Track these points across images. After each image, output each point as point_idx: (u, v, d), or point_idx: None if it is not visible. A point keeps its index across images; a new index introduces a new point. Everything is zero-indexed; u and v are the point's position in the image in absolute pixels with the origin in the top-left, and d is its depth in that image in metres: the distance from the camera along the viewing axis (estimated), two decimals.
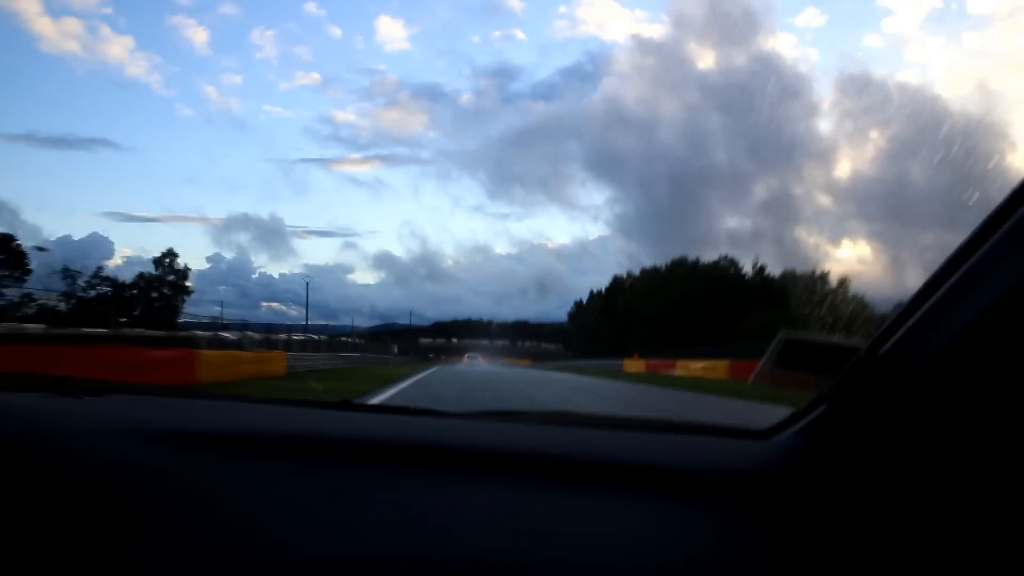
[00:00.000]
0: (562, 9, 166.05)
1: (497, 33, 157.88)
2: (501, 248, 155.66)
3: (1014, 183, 0.67)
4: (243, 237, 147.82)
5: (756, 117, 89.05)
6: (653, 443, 1.23)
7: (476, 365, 57.88)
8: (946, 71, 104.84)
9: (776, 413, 1.23)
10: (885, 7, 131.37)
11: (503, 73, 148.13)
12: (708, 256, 78.72)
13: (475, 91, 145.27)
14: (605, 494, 0.97)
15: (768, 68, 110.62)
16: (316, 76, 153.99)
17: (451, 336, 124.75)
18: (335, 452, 1.02)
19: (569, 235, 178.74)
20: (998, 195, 0.71)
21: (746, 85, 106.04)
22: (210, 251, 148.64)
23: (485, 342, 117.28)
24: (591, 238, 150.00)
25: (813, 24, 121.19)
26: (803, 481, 0.99)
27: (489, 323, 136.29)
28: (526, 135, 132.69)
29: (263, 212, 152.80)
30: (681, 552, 0.84)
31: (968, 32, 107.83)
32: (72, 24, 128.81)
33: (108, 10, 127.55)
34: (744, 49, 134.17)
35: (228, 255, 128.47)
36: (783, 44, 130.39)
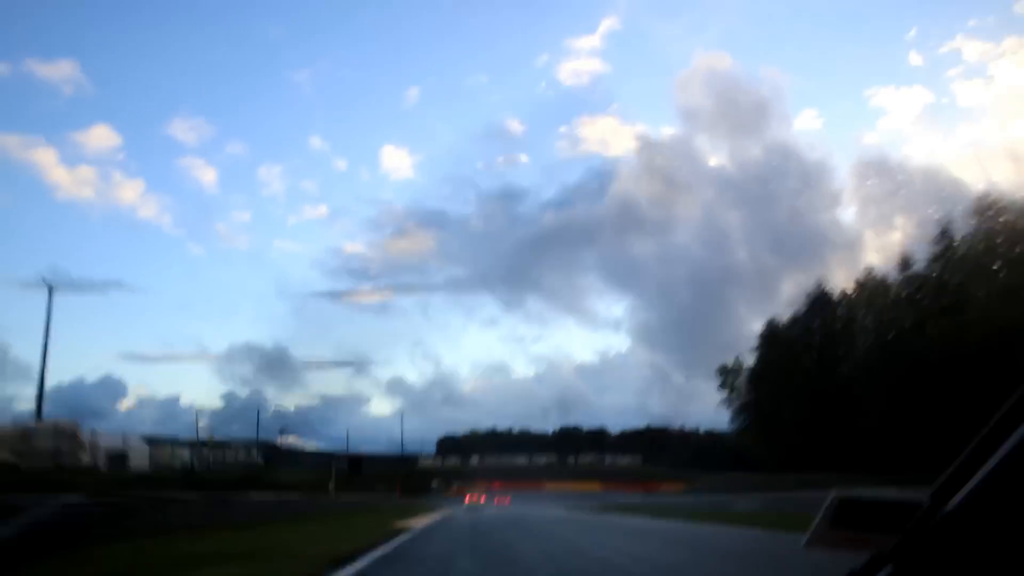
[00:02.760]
0: (562, 130, 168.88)
1: (501, 158, 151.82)
2: (519, 367, 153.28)
3: None
4: (247, 368, 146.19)
5: (776, 209, 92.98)
6: None
7: (485, 512, 39.87)
8: (951, 161, 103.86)
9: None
10: (879, 107, 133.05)
11: (509, 196, 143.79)
12: None
13: (482, 215, 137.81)
14: None
15: (784, 156, 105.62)
16: (324, 209, 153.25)
17: (467, 455, 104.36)
18: None
19: (590, 349, 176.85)
20: None
21: (763, 176, 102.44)
22: (221, 388, 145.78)
23: (522, 460, 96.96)
24: (612, 352, 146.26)
25: (811, 127, 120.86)
26: None
27: (522, 434, 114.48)
28: (537, 246, 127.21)
29: (267, 342, 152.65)
30: None
31: (963, 124, 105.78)
32: (86, 172, 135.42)
33: (120, 156, 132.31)
34: (757, 138, 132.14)
35: (242, 393, 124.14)
36: (797, 130, 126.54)
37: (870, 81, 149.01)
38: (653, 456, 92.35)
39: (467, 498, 46.31)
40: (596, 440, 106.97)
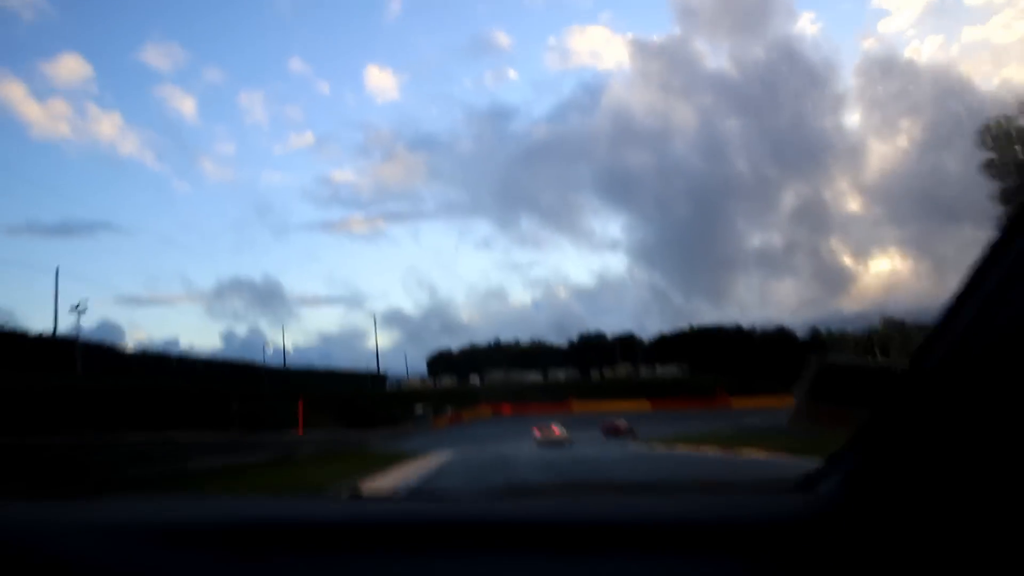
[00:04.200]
0: (552, 41, 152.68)
1: (489, 73, 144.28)
2: (516, 292, 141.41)
3: None
4: (240, 306, 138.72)
5: (778, 114, 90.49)
6: (687, 504, 1.24)
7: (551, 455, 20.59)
8: (957, 62, 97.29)
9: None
10: (881, 7, 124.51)
11: (499, 114, 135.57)
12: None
13: (472, 135, 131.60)
14: (642, 557, 0.98)
15: (787, 56, 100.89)
16: (310, 136, 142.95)
17: (465, 374, 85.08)
18: (341, 542, 1.07)
19: (587, 270, 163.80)
20: None
21: (765, 78, 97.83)
22: (218, 329, 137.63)
23: (534, 376, 79.42)
24: (611, 272, 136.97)
25: (809, 32, 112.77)
26: (845, 533, 0.99)
27: (533, 346, 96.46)
28: (529, 165, 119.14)
29: (259, 278, 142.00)
30: None
31: (967, 27, 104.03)
32: (59, 106, 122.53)
33: (93, 87, 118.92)
34: (759, 37, 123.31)
35: (240, 333, 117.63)
36: (801, 26, 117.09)
37: None
38: (702, 364, 73.24)
39: (536, 432, 31.00)
40: (626, 348, 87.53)
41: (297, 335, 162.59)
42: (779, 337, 78.13)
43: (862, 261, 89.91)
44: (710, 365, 71.38)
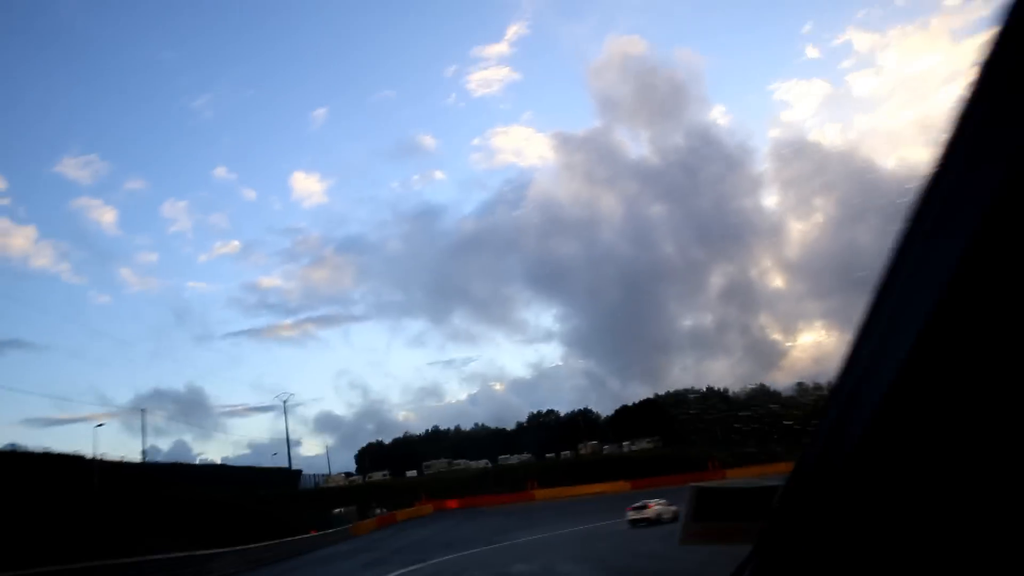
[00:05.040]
0: (476, 142, 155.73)
1: (416, 176, 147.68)
2: (452, 388, 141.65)
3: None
4: (158, 417, 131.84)
5: (700, 198, 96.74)
6: None
7: None
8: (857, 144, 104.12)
9: None
10: (782, 100, 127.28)
11: (427, 213, 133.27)
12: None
13: (401, 236, 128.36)
14: None
15: (705, 142, 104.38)
16: (235, 243, 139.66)
17: (401, 468, 72.40)
18: None
19: (523, 362, 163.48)
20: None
21: (685, 164, 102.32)
22: (138, 443, 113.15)
23: (481, 464, 68.01)
24: (547, 362, 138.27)
25: (721, 123, 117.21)
26: None
27: (476, 431, 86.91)
28: (460, 262, 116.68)
29: (183, 389, 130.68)
30: None
31: (859, 115, 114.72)
32: None
33: (5, 200, 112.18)
34: (677, 125, 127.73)
35: (164, 446, 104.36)
36: (715, 115, 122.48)
37: (772, 76, 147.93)
38: (676, 435, 63.85)
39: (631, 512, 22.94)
40: (585, 425, 77.36)
41: (225, 447, 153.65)
42: (761, 395, 70.03)
43: (791, 335, 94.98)
44: (687, 436, 62.12)
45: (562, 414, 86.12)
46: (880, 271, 0.75)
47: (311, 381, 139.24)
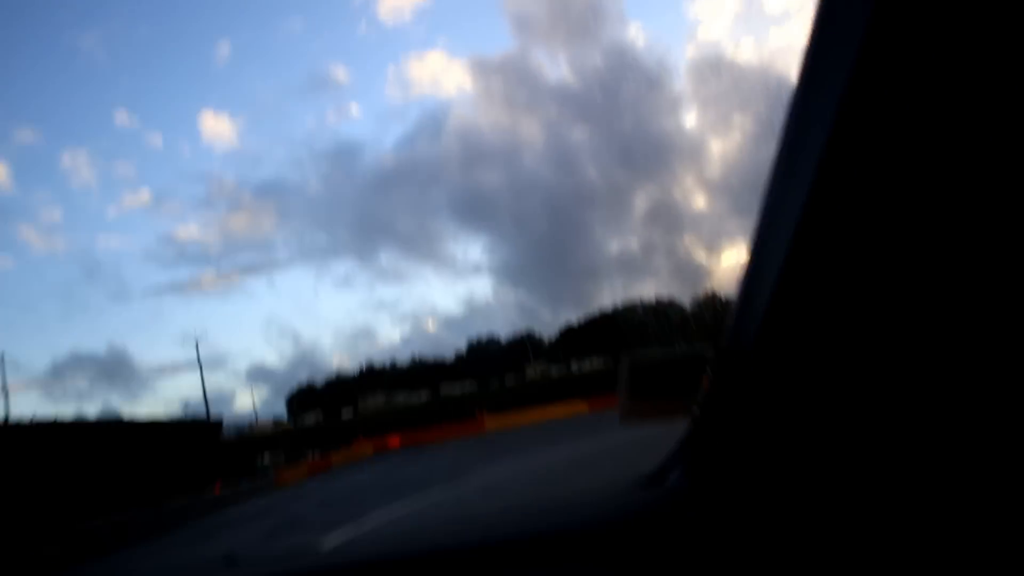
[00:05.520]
0: (391, 72, 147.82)
1: (331, 111, 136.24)
2: (385, 329, 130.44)
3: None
4: (80, 382, 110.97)
5: (621, 120, 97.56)
6: (549, 518, 1.29)
7: None
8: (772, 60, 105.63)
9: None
10: (696, 18, 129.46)
11: (346, 150, 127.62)
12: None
13: (320, 175, 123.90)
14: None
15: (624, 62, 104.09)
16: (146, 193, 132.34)
17: (335, 410, 67.35)
18: None
19: (454, 298, 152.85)
20: None
21: (605, 85, 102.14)
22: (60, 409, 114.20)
23: (422, 396, 64.45)
24: (478, 296, 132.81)
25: (639, 40, 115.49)
26: (693, 522, 1.05)
27: (414, 365, 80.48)
28: (383, 199, 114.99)
29: (104, 352, 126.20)
30: None
31: (772, 29, 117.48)
32: None
33: None
34: (595, 45, 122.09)
35: (91, 410, 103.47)
36: (633, 34, 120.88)
37: None
38: (624, 353, 60.88)
39: None
40: (532, 347, 73.88)
41: (156, 406, 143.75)
42: (710, 303, 67.75)
43: (715, 254, 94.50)
44: (642, 349, 59.27)
45: (503, 342, 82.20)
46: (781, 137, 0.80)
47: (240, 333, 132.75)
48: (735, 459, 1.01)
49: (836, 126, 0.70)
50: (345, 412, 65.21)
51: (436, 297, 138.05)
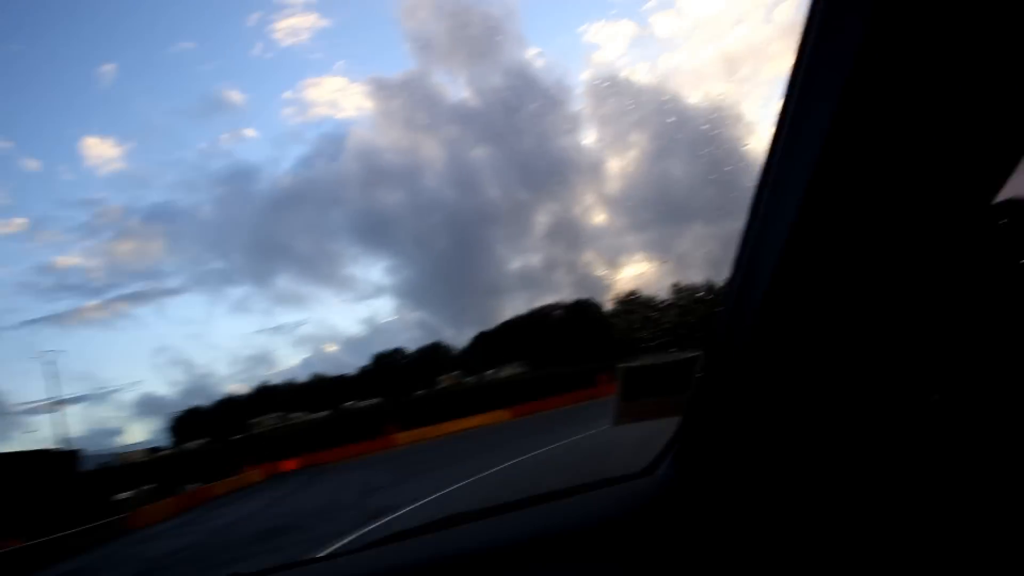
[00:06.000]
0: (288, 95, 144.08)
1: (225, 135, 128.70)
2: (284, 354, 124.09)
3: (759, 163, 0.79)
4: None
5: (521, 139, 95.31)
6: (545, 516, 1.30)
7: None
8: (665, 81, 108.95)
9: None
10: (591, 42, 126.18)
11: (240, 174, 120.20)
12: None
13: (214, 200, 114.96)
14: None
15: (523, 81, 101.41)
16: (21, 221, 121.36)
17: (226, 431, 59.90)
18: None
19: (356, 320, 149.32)
20: (748, 180, 0.83)
21: (505, 104, 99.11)
22: None
23: (323, 413, 57.02)
24: (381, 317, 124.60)
25: (538, 62, 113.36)
26: (683, 511, 1.08)
27: (313, 381, 75.00)
28: (279, 216, 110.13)
29: None
30: None
31: (664, 54, 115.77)
32: None
33: None
34: (495, 65, 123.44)
35: None
36: (531, 55, 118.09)
37: (581, 18, 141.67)
38: (543, 358, 57.43)
39: None
40: (441, 357, 69.23)
41: (28, 446, 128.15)
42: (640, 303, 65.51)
43: (614, 269, 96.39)
44: (564, 353, 55.83)
45: (411, 352, 77.17)
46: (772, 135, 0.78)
47: (127, 364, 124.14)
48: (724, 450, 1.04)
49: (831, 127, 0.69)
50: (236, 436, 58.10)
51: (337, 320, 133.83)
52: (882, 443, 0.89)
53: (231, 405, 74.37)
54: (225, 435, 58.11)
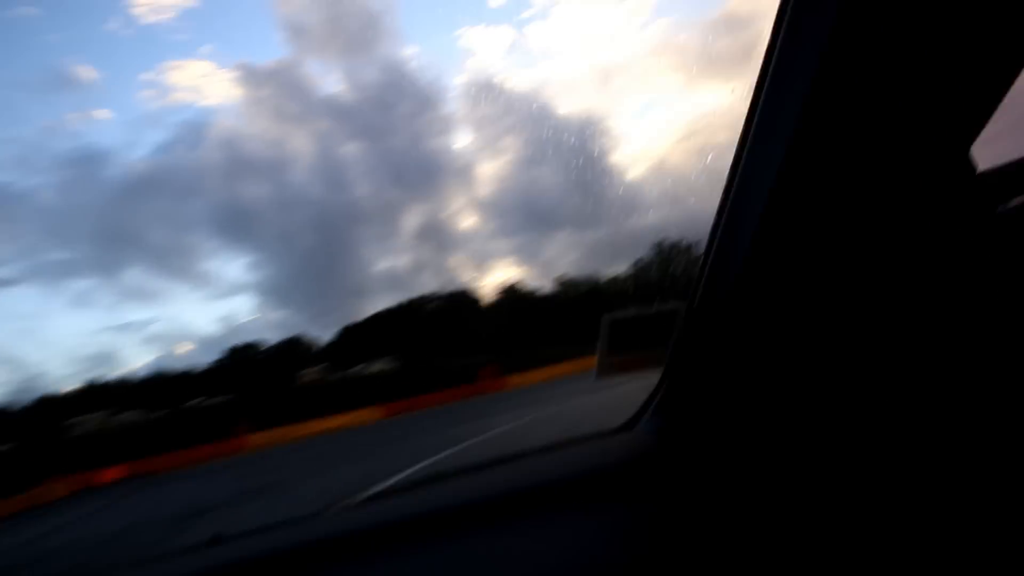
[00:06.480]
0: (147, 77, 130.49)
1: (73, 114, 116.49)
2: (132, 353, 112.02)
3: (625, 176, 0.54)
4: None
5: (395, 137, 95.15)
6: (533, 469, 1.32)
7: None
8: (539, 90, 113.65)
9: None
10: (466, 47, 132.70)
11: (89, 159, 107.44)
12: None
13: (57, 185, 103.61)
14: (496, 531, 1.06)
15: (400, 78, 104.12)
16: None
17: (38, 434, 50.57)
18: None
19: (214, 318, 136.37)
20: (618, 191, 0.61)
21: (381, 100, 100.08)
22: None
23: (160, 412, 47.73)
24: (241, 316, 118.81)
25: (414, 62, 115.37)
26: (669, 461, 1.10)
27: (153, 376, 65.48)
28: (130, 205, 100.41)
29: None
30: (579, 562, 0.96)
31: (540, 62, 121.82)
32: None
33: None
34: (371, 59, 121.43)
35: None
36: (409, 52, 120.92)
37: (459, 21, 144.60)
38: (419, 351, 53.16)
39: None
40: (302, 352, 63.04)
41: None
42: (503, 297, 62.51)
43: (482, 274, 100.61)
44: (439, 348, 51.71)
45: (268, 346, 70.15)
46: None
47: None
48: (704, 403, 1.07)
49: (810, 96, 0.70)
50: (46, 439, 49.04)
51: (192, 318, 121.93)
52: (861, 397, 0.92)
53: (49, 404, 64.02)
54: (32, 438, 48.88)
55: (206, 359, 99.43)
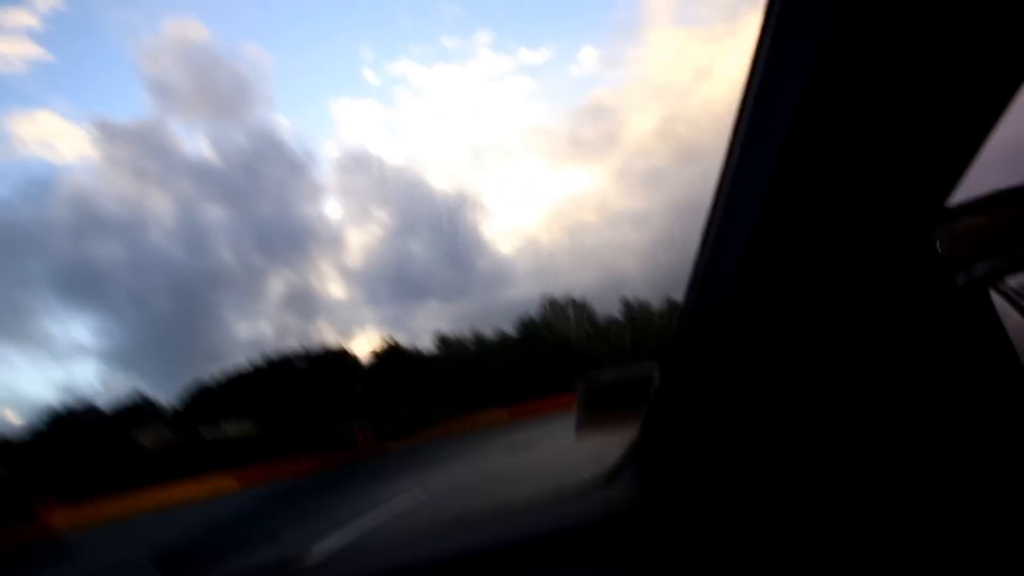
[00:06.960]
0: None
1: None
2: None
3: (495, 249, 0.51)
4: None
5: (262, 202, 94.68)
6: (512, 528, 1.32)
7: None
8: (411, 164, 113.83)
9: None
10: (341, 116, 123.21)
11: None
12: None
13: None
14: None
15: (269, 144, 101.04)
16: None
17: None
18: None
19: (50, 384, 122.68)
20: (488, 264, 0.57)
21: (248, 165, 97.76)
22: None
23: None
24: (81, 383, 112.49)
25: (286, 129, 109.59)
26: (651, 517, 1.12)
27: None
28: None
29: None
30: None
31: (412, 138, 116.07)
32: None
33: None
34: (240, 123, 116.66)
35: None
36: (281, 118, 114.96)
37: (334, 93, 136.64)
38: (280, 413, 47.30)
39: None
40: (147, 414, 55.07)
41: None
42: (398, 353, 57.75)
43: (346, 341, 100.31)
44: (306, 410, 46.10)
45: (103, 407, 61.12)
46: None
47: None
48: (682, 458, 1.08)
49: (790, 132, 0.67)
50: None
51: (24, 385, 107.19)
52: (838, 450, 0.93)
53: None
54: None
55: (27, 426, 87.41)
